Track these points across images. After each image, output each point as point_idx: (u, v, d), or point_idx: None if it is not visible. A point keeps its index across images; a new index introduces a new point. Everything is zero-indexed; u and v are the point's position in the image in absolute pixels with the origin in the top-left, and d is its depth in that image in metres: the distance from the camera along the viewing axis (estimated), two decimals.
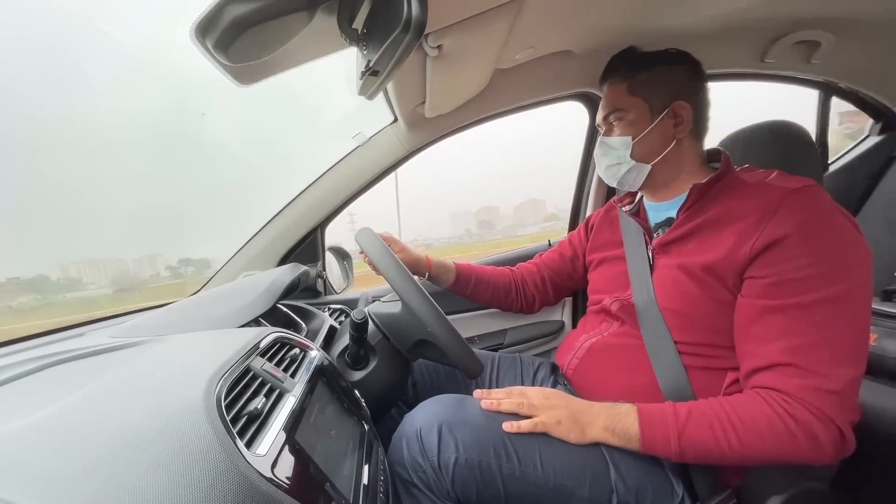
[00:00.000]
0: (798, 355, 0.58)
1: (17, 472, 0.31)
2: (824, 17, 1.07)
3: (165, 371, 0.49)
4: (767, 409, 0.58)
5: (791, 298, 0.59)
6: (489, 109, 1.23)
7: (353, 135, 1.23)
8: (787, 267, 0.60)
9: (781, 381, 0.58)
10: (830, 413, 0.55)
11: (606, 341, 0.82)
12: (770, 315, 0.61)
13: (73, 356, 0.58)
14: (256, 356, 0.54)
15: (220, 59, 0.48)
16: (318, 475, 0.44)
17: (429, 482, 0.61)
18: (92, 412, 0.39)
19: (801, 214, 0.61)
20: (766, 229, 0.62)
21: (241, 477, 0.34)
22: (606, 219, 0.99)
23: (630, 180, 0.83)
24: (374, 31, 0.51)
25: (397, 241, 0.98)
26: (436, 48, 0.71)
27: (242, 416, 0.43)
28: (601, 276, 0.93)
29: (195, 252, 10.35)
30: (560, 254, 1.10)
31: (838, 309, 0.58)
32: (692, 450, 0.60)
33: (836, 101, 1.46)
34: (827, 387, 0.56)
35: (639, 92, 0.79)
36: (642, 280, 0.79)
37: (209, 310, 0.81)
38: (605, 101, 0.84)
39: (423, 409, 0.67)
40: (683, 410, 0.62)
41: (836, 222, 0.61)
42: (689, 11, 0.98)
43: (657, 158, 0.79)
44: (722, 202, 0.71)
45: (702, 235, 0.72)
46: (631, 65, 0.82)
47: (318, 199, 1.30)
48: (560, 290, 1.13)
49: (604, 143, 0.84)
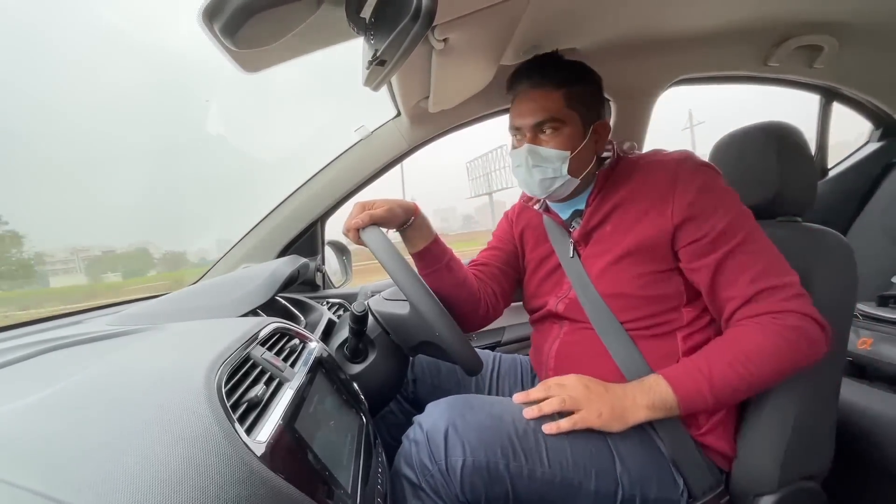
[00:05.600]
0: (761, 281, 0.66)
1: (17, 451, 0.31)
2: (828, 22, 1.08)
3: (166, 357, 0.49)
4: (766, 331, 0.64)
5: (731, 242, 0.68)
6: (492, 106, 1.23)
7: (355, 128, 1.22)
8: (712, 222, 0.69)
9: (764, 305, 0.66)
10: (808, 311, 0.64)
11: (567, 341, 0.82)
12: (724, 263, 0.68)
13: (72, 342, 0.58)
14: (256, 345, 0.54)
15: (227, 44, 0.48)
16: (317, 464, 0.44)
17: (437, 486, 0.61)
18: (92, 395, 0.39)
19: (695, 179, 0.71)
20: (674, 200, 0.71)
21: (241, 462, 0.34)
22: (524, 217, 0.96)
23: (559, 193, 0.81)
24: (382, 20, 0.51)
25: (374, 200, 0.79)
26: (442, 41, 0.71)
27: (242, 403, 0.42)
28: (536, 278, 0.91)
29: (190, 244, 10.26)
30: (499, 248, 0.99)
31: (759, 236, 0.69)
32: (724, 393, 0.65)
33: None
34: (793, 292, 0.66)
35: (574, 105, 0.77)
36: (577, 273, 0.81)
37: (207, 299, 0.81)
38: (537, 107, 0.77)
39: (430, 411, 0.67)
40: (703, 363, 0.66)
41: (716, 177, 0.73)
42: (696, 13, 0.99)
43: (583, 174, 0.79)
44: (624, 184, 0.77)
45: (616, 217, 0.77)
46: (566, 73, 0.78)
47: (319, 192, 1.30)
48: (513, 284, 0.99)
49: (536, 153, 0.78)
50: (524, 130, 0.80)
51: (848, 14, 1.04)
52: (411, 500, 0.61)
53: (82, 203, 37.89)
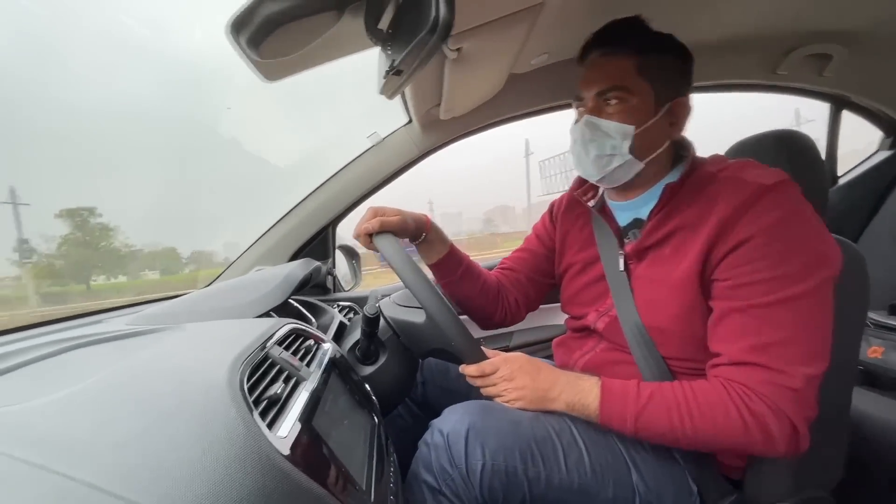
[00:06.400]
0: (758, 354, 0.58)
1: (51, 442, 0.32)
2: (837, 31, 1.08)
3: (188, 354, 0.50)
4: (726, 397, 0.59)
5: (749, 300, 0.59)
6: (502, 113, 1.25)
7: (367, 135, 1.25)
8: (748, 269, 0.60)
9: (743, 376, 0.59)
10: (785, 409, 0.56)
11: (600, 358, 0.79)
12: (733, 315, 0.61)
13: (95, 340, 0.60)
14: (274, 345, 0.55)
15: (252, 55, 0.50)
16: (333, 461, 0.45)
17: (457, 490, 0.60)
18: (119, 390, 0.41)
19: (770, 215, 0.59)
20: (734, 230, 0.61)
21: (263, 456, 0.35)
22: (571, 215, 0.89)
23: (617, 177, 0.72)
24: (399, 31, 0.53)
25: (387, 208, 0.80)
26: (455, 51, 0.73)
27: (263, 399, 0.44)
28: (577, 284, 0.84)
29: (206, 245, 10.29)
30: (531, 252, 0.96)
31: (800, 308, 0.58)
32: (646, 431, 0.62)
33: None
34: (785, 383, 0.57)
35: (647, 74, 0.68)
36: (623, 293, 0.73)
37: (223, 300, 0.83)
38: (603, 74, 0.69)
39: (449, 415, 0.66)
40: (646, 392, 0.62)
41: (804, 220, 0.60)
42: (706, 23, 1.00)
43: (650, 157, 0.70)
44: (695, 202, 0.66)
45: (677, 240, 0.67)
46: (643, 39, 0.69)
47: (331, 197, 1.32)
48: (541, 291, 0.98)
49: (593, 125, 0.69)
50: (586, 101, 0.71)
51: (857, 23, 1.05)
52: None
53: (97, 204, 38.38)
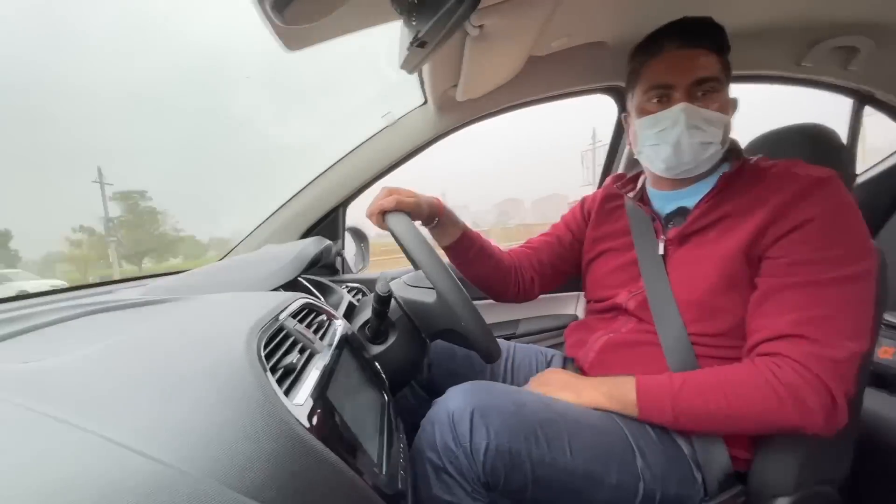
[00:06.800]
0: (807, 326, 0.59)
1: (73, 396, 0.32)
2: (865, 23, 1.06)
3: (205, 322, 0.50)
4: (755, 372, 0.60)
5: (807, 276, 0.61)
6: (519, 97, 1.23)
7: (382, 114, 1.23)
8: (806, 248, 0.62)
9: (787, 348, 0.60)
10: (825, 378, 0.57)
11: (623, 338, 0.80)
12: (785, 291, 0.62)
13: (111, 307, 0.60)
14: (288, 317, 0.55)
15: (276, 19, 0.49)
16: (346, 432, 0.45)
17: (461, 468, 0.60)
18: (139, 351, 0.41)
19: (830, 200, 0.62)
20: (792, 214, 0.63)
21: (281, 422, 0.35)
22: (605, 207, 0.93)
23: (704, 165, 0.74)
24: (426, 1, 0.52)
25: (402, 189, 0.81)
26: (478, 27, 0.71)
27: (279, 368, 0.44)
28: (606, 268, 0.88)
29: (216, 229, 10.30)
30: (558, 238, 1.01)
31: (849, 289, 0.60)
32: (686, 416, 0.64)
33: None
34: (828, 354, 0.58)
35: (726, 72, 0.72)
36: (656, 273, 0.76)
37: (235, 274, 0.83)
38: (695, 65, 0.70)
39: (453, 395, 0.66)
40: (679, 379, 0.65)
41: (854, 213, 0.63)
42: (730, 12, 0.97)
43: (725, 148, 0.74)
44: (748, 191, 0.69)
45: (724, 225, 0.70)
46: (721, 38, 0.73)
47: (342, 177, 1.31)
48: (559, 275, 1.02)
49: (695, 113, 0.70)
50: (677, 88, 0.71)
51: (886, 15, 1.02)
52: (434, 483, 0.61)
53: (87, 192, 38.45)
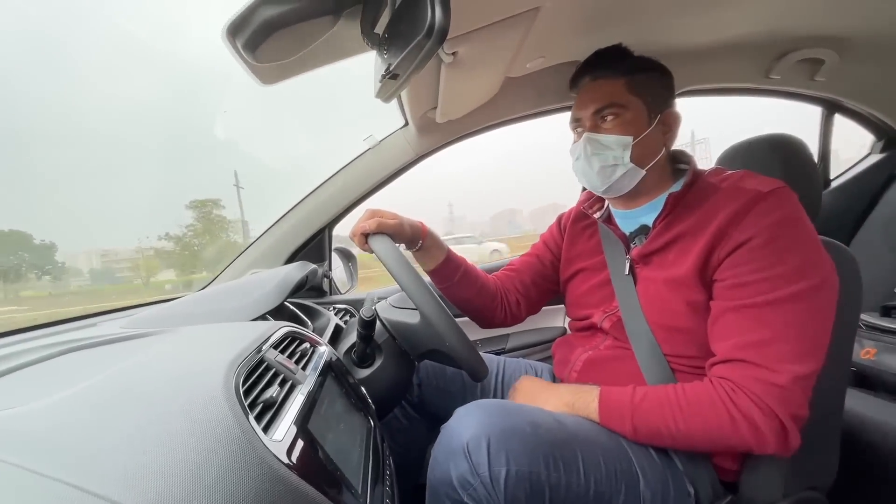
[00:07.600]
0: (747, 351, 0.61)
1: (45, 445, 0.32)
2: (828, 36, 1.10)
3: (184, 358, 0.50)
4: (714, 394, 0.61)
5: (745, 300, 0.62)
6: (499, 116, 1.25)
7: (363, 137, 1.25)
8: (746, 269, 0.63)
9: (731, 372, 0.62)
10: (772, 405, 0.58)
11: (602, 355, 0.81)
12: (727, 314, 0.64)
13: (88, 344, 0.59)
14: (270, 348, 0.55)
15: (248, 58, 0.50)
16: (329, 464, 0.45)
17: (480, 500, 0.57)
18: (114, 393, 0.40)
19: (768, 217, 0.63)
20: (734, 233, 0.64)
21: (259, 460, 0.35)
22: (578, 226, 0.94)
23: (621, 185, 0.77)
24: (395, 35, 0.53)
25: (385, 211, 0.82)
26: (451, 55, 0.73)
27: (258, 403, 0.44)
28: (582, 288, 0.89)
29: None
30: (538, 257, 1.01)
31: (791, 309, 0.60)
32: (644, 429, 0.65)
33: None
34: (770, 379, 0.59)
35: (637, 91, 0.75)
36: (628, 294, 0.77)
37: (219, 304, 0.82)
38: (597, 95, 0.76)
39: (464, 421, 0.62)
40: (641, 392, 0.66)
41: (800, 225, 0.64)
42: (699, 27, 1.01)
43: (650, 164, 0.76)
44: (697, 209, 0.71)
45: (681, 245, 0.71)
46: (628, 63, 0.77)
47: (327, 199, 1.32)
48: (544, 294, 1.02)
49: (594, 140, 0.75)
50: (584, 121, 0.78)
51: (848, 28, 1.06)
52: None
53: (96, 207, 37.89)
